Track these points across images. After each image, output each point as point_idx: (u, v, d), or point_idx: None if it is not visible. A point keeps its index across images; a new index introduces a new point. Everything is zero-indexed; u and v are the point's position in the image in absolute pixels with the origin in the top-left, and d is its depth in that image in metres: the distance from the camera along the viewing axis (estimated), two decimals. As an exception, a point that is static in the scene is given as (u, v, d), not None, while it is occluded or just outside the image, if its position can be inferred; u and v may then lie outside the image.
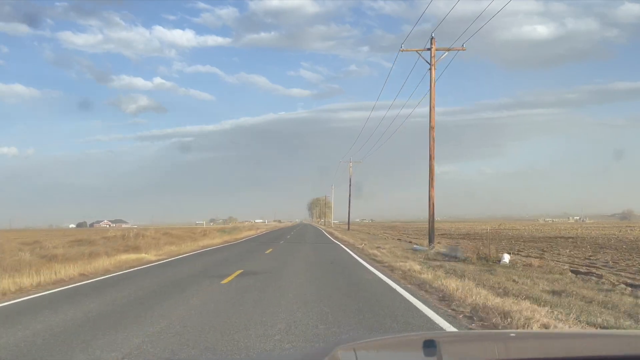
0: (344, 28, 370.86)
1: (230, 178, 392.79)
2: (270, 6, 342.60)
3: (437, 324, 7.90)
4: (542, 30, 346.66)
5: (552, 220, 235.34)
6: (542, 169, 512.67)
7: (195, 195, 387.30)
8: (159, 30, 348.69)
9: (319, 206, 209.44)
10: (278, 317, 8.54)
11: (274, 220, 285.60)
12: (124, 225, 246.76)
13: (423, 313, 8.80)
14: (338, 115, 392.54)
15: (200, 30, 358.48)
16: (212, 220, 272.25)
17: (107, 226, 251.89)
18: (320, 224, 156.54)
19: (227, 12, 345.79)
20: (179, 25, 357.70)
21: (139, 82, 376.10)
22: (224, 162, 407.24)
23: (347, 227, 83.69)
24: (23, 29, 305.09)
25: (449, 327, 7.69)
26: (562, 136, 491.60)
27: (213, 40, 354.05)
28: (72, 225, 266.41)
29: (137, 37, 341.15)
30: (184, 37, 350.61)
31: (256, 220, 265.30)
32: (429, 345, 2.30)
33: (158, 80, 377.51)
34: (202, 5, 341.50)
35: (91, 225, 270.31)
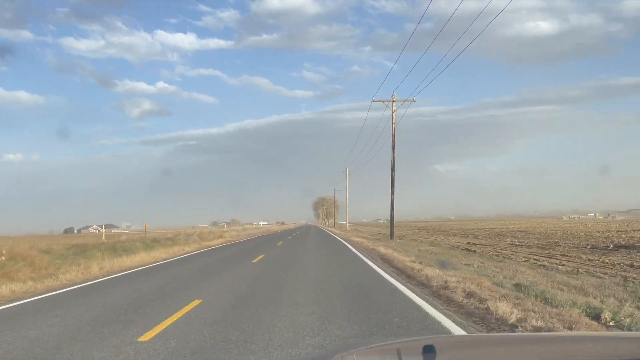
0: (346, 28, 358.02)
1: (235, 180, 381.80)
2: (271, 7, 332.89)
3: None
4: (545, 26, 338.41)
5: (578, 218, 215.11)
6: (547, 167, 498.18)
7: (200, 198, 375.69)
8: (161, 34, 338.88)
9: (325, 205, 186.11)
10: None
11: (276, 222, 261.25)
12: (113, 230, 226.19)
13: None
14: (341, 115, 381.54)
15: (202, 33, 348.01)
16: (214, 223, 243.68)
17: (97, 231, 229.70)
18: (329, 226, 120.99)
19: (229, 15, 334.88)
20: (181, 28, 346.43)
21: (142, 86, 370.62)
22: (228, 164, 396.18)
23: (378, 231, 47.21)
24: (25, 35, 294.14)
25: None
26: (567, 133, 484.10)
27: (215, 43, 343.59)
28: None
29: (139, 41, 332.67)
30: (186, 40, 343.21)
31: (260, 223, 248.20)
32: (429, 351, 2.16)
33: (161, 84, 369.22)
34: (203, 8, 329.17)
35: (79, 231, 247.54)
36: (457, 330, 6.93)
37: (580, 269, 17.30)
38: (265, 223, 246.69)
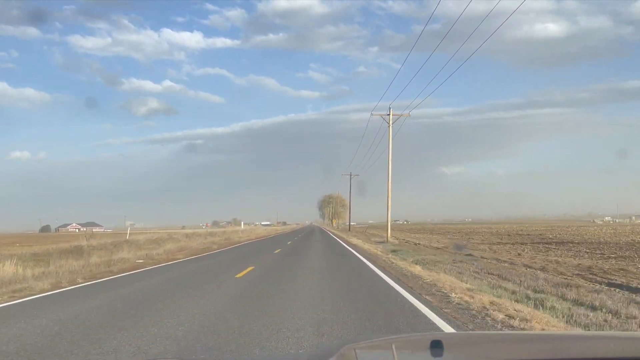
0: (353, 28, 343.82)
1: (240, 180, 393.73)
2: (278, 7, 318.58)
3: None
4: (553, 28, 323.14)
5: (614, 221, 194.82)
6: (555, 170, 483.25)
7: (204, 197, 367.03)
8: (168, 33, 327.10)
9: (332, 204, 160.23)
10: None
11: (277, 223, 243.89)
12: (95, 230, 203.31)
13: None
14: (348, 116, 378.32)
15: (208, 32, 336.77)
16: (214, 223, 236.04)
17: (77, 230, 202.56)
18: (338, 229, 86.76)
19: (235, 14, 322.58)
20: (188, 27, 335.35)
21: (149, 84, 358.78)
22: (233, 164, 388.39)
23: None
24: (32, 32, 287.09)
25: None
26: (574, 136, 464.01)
27: (222, 42, 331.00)
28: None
29: (146, 39, 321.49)
30: (193, 39, 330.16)
31: (262, 223, 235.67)
32: (436, 346, 2.06)
33: (167, 83, 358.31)
34: (210, 7, 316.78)
35: (56, 229, 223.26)
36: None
37: None
38: (268, 223, 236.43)
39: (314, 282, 12.02)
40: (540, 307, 8.35)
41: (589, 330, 6.81)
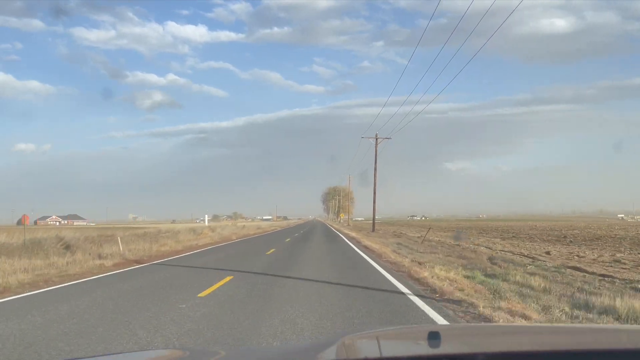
0: (358, 22, 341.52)
1: (243, 174, 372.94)
2: (283, 0, 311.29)
3: None
4: (560, 23, 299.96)
5: None
6: (561, 166, 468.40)
7: (206, 191, 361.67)
8: (172, 26, 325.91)
9: (337, 197, 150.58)
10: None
11: (277, 217, 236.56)
12: (76, 223, 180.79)
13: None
14: (352, 111, 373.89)
15: (213, 25, 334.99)
16: (214, 217, 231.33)
17: (57, 223, 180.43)
18: (349, 227, 59.91)
19: (240, 7, 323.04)
20: (192, 20, 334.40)
21: (153, 78, 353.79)
22: (237, 158, 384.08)
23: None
24: (36, 24, 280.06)
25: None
26: (580, 133, 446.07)
27: (226, 35, 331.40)
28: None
29: (150, 32, 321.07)
30: (197, 32, 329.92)
31: (264, 217, 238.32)
32: (434, 337, 2.05)
33: (172, 76, 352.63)
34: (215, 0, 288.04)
35: (35, 222, 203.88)
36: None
37: None
38: (269, 218, 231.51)
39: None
40: None
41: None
